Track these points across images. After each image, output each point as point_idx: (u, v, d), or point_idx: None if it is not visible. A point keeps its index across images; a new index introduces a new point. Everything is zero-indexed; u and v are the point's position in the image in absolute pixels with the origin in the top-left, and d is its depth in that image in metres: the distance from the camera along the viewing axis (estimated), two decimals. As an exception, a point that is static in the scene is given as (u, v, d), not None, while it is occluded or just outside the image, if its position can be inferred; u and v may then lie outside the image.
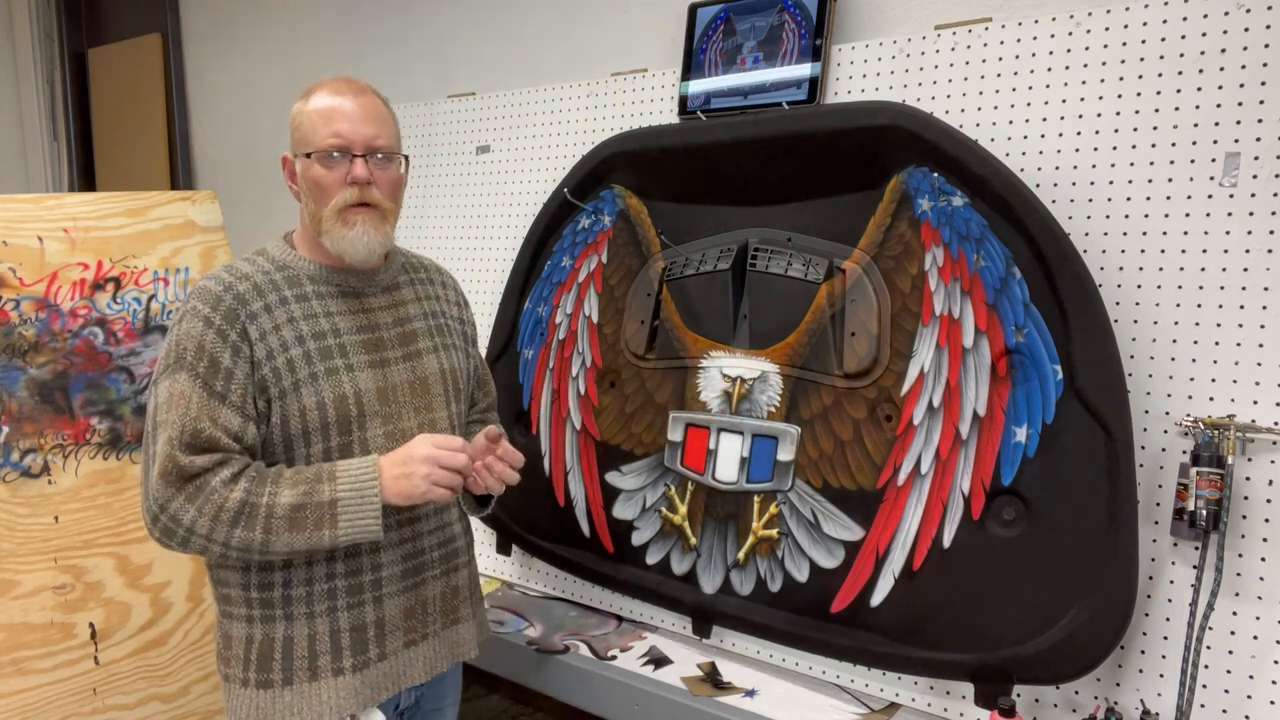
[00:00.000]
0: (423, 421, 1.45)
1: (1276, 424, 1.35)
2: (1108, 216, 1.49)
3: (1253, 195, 1.38)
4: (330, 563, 1.38)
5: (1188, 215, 1.43)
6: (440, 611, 1.51)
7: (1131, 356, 1.46)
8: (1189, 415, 1.40)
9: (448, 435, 1.38)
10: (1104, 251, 1.49)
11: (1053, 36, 1.55)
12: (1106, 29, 1.50)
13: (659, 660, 1.79)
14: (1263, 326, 1.37)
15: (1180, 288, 1.43)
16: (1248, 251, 1.38)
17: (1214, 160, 1.41)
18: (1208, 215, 1.41)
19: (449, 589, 1.52)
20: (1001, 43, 1.60)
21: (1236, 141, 1.39)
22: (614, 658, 1.80)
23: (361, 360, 1.41)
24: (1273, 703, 1.34)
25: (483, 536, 2.21)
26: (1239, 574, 1.37)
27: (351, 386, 1.39)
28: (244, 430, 1.32)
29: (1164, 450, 1.43)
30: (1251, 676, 1.36)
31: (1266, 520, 1.36)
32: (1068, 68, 1.54)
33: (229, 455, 1.30)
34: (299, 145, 1.40)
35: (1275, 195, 1.36)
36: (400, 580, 1.44)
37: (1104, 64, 1.50)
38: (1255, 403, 1.37)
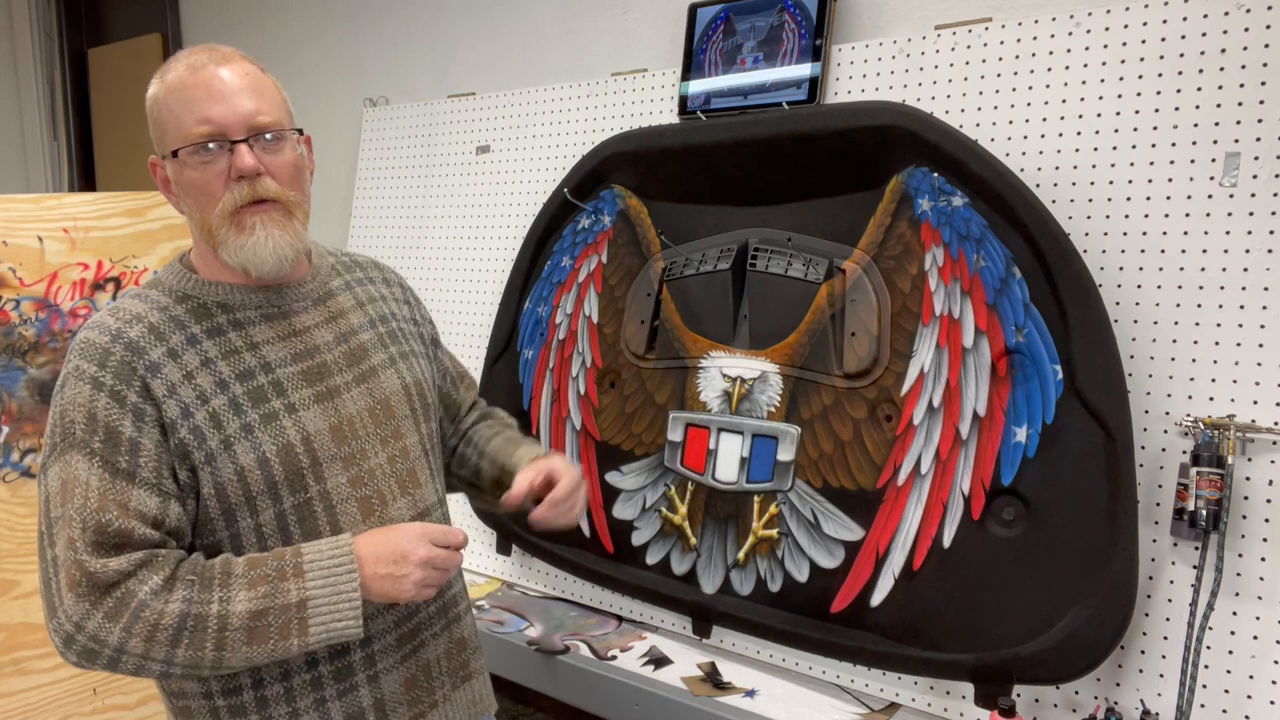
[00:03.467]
0: (392, 453, 1.19)
1: (1276, 424, 1.35)
2: (1108, 216, 1.49)
3: (1253, 195, 1.38)
4: None
5: (1188, 215, 1.43)
6: (447, 671, 1.25)
7: (1131, 356, 1.46)
8: (1189, 415, 1.40)
9: (447, 529, 1.12)
10: (1104, 251, 1.49)
11: (1053, 36, 1.55)
12: (1106, 29, 1.50)
13: (659, 660, 1.79)
14: (1263, 326, 1.37)
15: (1180, 288, 1.43)
16: (1248, 251, 1.38)
17: (1214, 160, 1.41)
18: (1208, 215, 1.41)
19: (453, 643, 1.27)
20: (1001, 43, 1.60)
21: (1236, 141, 1.39)
22: (614, 658, 1.80)
23: (305, 396, 1.13)
24: (1273, 703, 1.34)
25: (482, 537, 2.21)
26: (1239, 574, 1.37)
27: (297, 431, 1.11)
28: (164, 512, 1.04)
29: (1164, 450, 1.43)
30: (1251, 676, 1.36)
31: (1266, 520, 1.36)
32: (1068, 68, 1.54)
33: (151, 553, 1.02)
34: (165, 142, 1.11)
35: (1275, 195, 1.36)
36: (396, 650, 1.19)
37: (1104, 64, 1.50)
38: (1255, 403, 1.37)
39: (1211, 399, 1.40)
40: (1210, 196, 1.41)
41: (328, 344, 1.19)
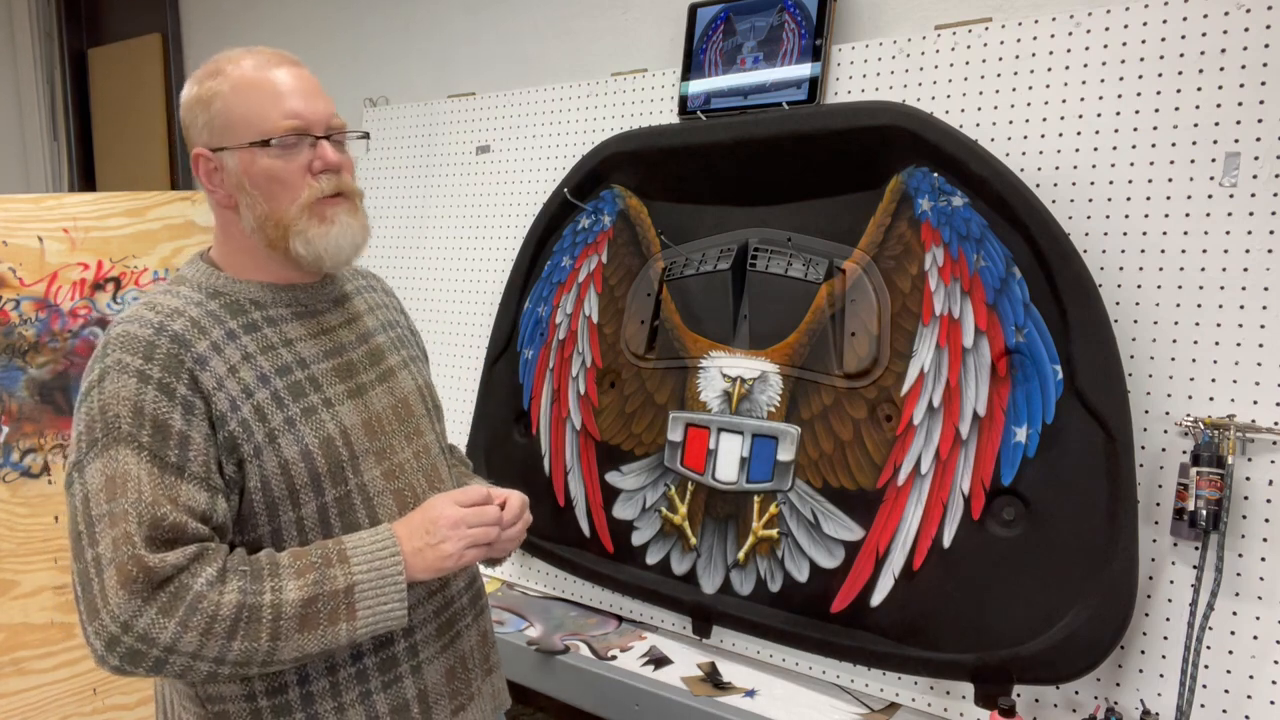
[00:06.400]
0: (417, 449, 1.23)
1: (1276, 424, 1.35)
2: (1108, 216, 1.49)
3: (1253, 195, 1.38)
4: None
5: (1188, 215, 1.43)
6: (479, 663, 1.28)
7: (1131, 356, 1.46)
8: (1189, 415, 1.40)
9: (466, 489, 1.16)
10: (1104, 251, 1.49)
11: (1053, 36, 1.55)
12: (1106, 29, 1.50)
13: (659, 660, 1.79)
14: (1263, 326, 1.37)
15: (1180, 288, 1.43)
16: (1248, 251, 1.38)
17: (1214, 160, 1.41)
18: (1208, 215, 1.41)
19: (481, 635, 1.31)
20: (1001, 43, 1.60)
21: (1236, 141, 1.39)
22: (614, 658, 1.80)
23: (339, 391, 1.17)
24: (1273, 703, 1.34)
25: (483, 536, 2.20)
26: (1239, 574, 1.37)
27: (335, 425, 1.14)
28: (212, 507, 1.04)
29: (1164, 450, 1.43)
30: (1251, 676, 1.36)
31: (1266, 520, 1.35)
32: (1068, 68, 1.54)
33: (203, 547, 1.01)
34: (234, 133, 1.11)
35: (1275, 195, 1.36)
36: (436, 639, 1.21)
37: (1104, 64, 1.50)
38: (1255, 403, 1.37)
39: (1211, 399, 1.40)
40: (1210, 196, 1.41)
41: (351, 343, 1.23)
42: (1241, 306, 1.38)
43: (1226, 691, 1.38)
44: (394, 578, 1.07)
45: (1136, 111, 1.47)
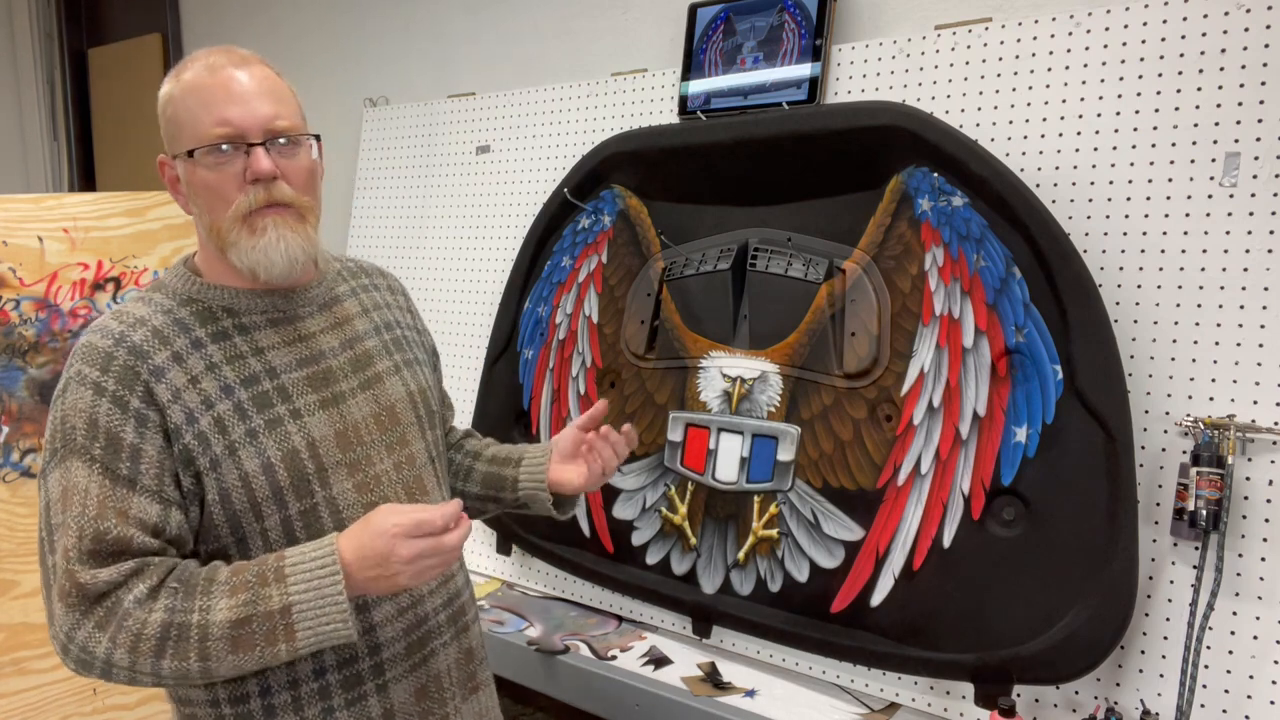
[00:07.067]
0: (399, 460, 1.18)
1: (1276, 424, 1.35)
2: (1108, 216, 1.49)
3: (1253, 195, 1.38)
4: (316, 654, 1.10)
5: (1188, 215, 1.43)
6: (457, 682, 1.23)
7: (1131, 356, 1.46)
8: (1189, 415, 1.40)
9: (420, 519, 1.02)
10: (1104, 251, 1.49)
11: (1053, 36, 1.55)
12: (1106, 29, 1.50)
13: (659, 660, 1.79)
14: (1263, 326, 1.37)
15: (1180, 288, 1.43)
16: (1248, 251, 1.38)
17: (1214, 160, 1.41)
18: (1208, 215, 1.41)
19: (462, 653, 1.25)
20: (1001, 43, 1.60)
21: (1236, 141, 1.39)
22: (614, 658, 1.80)
23: (310, 401, 1.12)
24: (1273, 703, 1.34)
25: (483, 537, 2.21)
26: (1239, 574, 1.37)
27: (302, 437, 1.10)
28: (165, 520, 1.03)
29: (1164, 450, 1.43)
30: (1251, 676, 1.36)
31: (1266, 520, 1.36)
32: (1068, 68, 1.54)
33: (143, 562, 1.00)
34: (179, 141, 1.10)
35: (1275, 195, 1.36)
36: (405, 658, 1.16)
37: (1104, 64, 1.51)
38: (1255, 403, 1.37)
39: (1211, 399, 1.40)
40: (1210, 196, 1.41)
41: (333, 350, 1.18)
42: (1241, 306, 1.38)
43: (1226, 691, 1.38)
44: (334, 597, 1.00)
45: (1136, 111, 1.48)
